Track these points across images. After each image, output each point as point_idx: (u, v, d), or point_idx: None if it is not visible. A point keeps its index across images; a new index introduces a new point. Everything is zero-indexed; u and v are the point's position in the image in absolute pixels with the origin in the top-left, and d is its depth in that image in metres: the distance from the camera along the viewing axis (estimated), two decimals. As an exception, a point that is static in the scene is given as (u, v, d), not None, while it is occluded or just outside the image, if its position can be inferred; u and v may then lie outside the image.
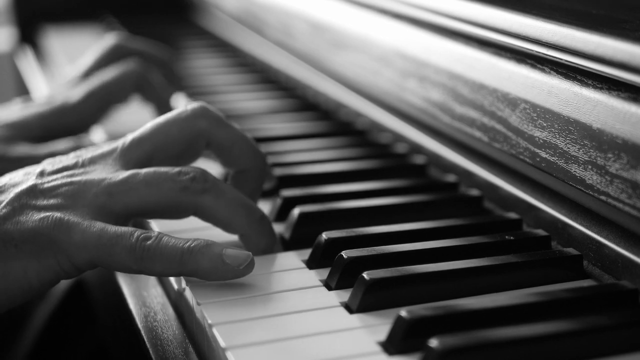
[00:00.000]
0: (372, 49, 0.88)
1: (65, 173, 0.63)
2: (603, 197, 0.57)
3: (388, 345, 0.51)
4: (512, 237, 0.63)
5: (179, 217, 0.64)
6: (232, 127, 0.67)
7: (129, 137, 0.66)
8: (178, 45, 1.38)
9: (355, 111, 0.95)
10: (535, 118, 0.63)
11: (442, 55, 0.76)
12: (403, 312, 0.51)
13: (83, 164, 0.64)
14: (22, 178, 0.64)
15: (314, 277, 0.61)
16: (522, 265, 0.59)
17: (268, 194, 0.74)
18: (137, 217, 0.63)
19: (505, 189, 0.70)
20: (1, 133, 0.89)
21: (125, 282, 0.69)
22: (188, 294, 0.60)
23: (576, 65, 0.60)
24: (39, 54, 1.45)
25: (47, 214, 0.60)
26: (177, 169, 0.63)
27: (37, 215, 0.60)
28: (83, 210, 0.61)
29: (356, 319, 0.55)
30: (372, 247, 0.62)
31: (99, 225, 0.59)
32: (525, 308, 0.53)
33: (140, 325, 0.63)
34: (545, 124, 0.62)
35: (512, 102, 0.66)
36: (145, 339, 0.61)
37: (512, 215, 0.68)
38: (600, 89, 0.58)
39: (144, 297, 0.67)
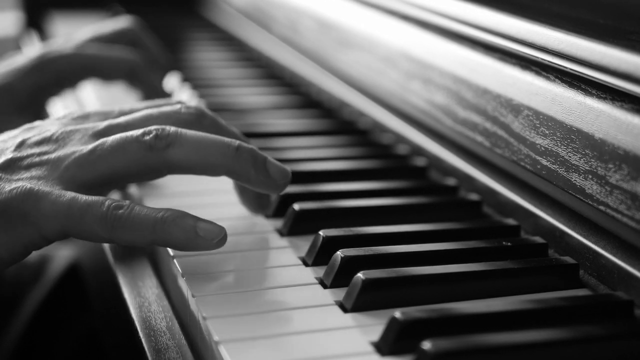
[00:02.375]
0: (377, 49, 0.88)
1: (42, 148, 0.63)
2: (602, 207, 0.57)
3: (381, 346, 0.51)
4: (509, 243, 0.63)
5: (154, 177, 0.63)
6: (228, 130, 0.66)
7: (117, 119, 0.65)
8: (184, 37, 1.38)
9: (358, 110, 0.95)
10: (538, 125, 0.63)
11: (448, 59, 0.76)
12: (397, 314, 0.51)
13: (60, 136, 0.64)
14: (3, 148, 0.63)
15: (310, 274, 0.61)
16: (518, 272, 0.59)
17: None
18: (111, 185, 0.63)
19: (504, 195, 0.70)
20: None
21: (121, 271, 0.69)
22: (183, 285, 0.60)
23: (581, 74, 0.60)
24: (45, 40, 1.45)
25: (18, 185, 0.59)
26: (141, 130, 0.62)
27: (8, 188, 0.59)
28: (54, 182, 0.60)
29: (350, 318, 0.55)
30: (369, 247, 0.62)
31: (69, 194, 0.59)
32: (519, 315, 0.53)
33: (134, 314, 0.63)
34: (547, 132, 0.62)
35: (516, 108, 0.66)
36: (139, 329, 0.61)
37: (511, 221, 0.68)
38: (604, 99, 0.58)
39: (139, 287, 0.67)
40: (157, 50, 1.04)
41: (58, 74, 0.93)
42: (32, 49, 0.99)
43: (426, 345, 0.48)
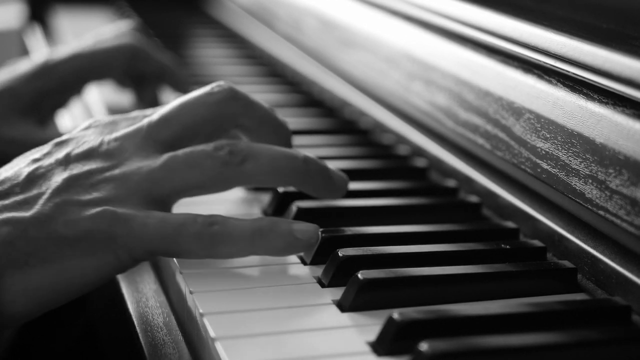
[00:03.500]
0: (380, 49, 0.88)
1: (95, 163, 0.61)
2: (601, 212, 0.57)
3: (377, 346, 0.51)
4: (508, 246, 0.63)
5: (223, 190, 0.63)
6: (260, 108, 0.66)
7: (154, 116, 0.64)
8: (187, 33, 1.38)
9: (359, 110, 0.95)
10: (539, 129, 0.63)
11: (450, 60, 0.76)
12: (394, 314, 0.51)
13: (110, 149, 0.62)
14: (46, 164, 0.62)
15: (308, 273, 0.61)
16: (516, 275, 0.59)
17: (267, 188, 0.74)
18: (182, 197, 0.62)
19: (504, 198, 0.70)
20: None
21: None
22: (181, 281, 0.60)
23: (583, 79, 0.60)
24: (48, 33, 1.45)
25: (98, 209, 0.58)
26: (212, 145, 0.62)
27: (87, 212, 0.58)
28: (131, 200, 0.59)
29: (347, 317, 0.55)
30: (367, 246, 0.62)
31: (156, 215, 0.59)
32: (516, 318, 0.53)
33: (131, 310, 0.63)
34: (548, 135, 0.62)
35: (517, 111, 0.66)
36: (136, 324, 0.61)
37: (510, 224, 0.68)
38: (606, 103, 0.58)
39: (137, 282, 0.67)
40: (166, 62, 1.01)
41: (61, 79, 0.92)
42: (36, 55, 0.98)
43: (423, 346, 0.48)
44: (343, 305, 0.56)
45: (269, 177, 0.63)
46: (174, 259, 0.62)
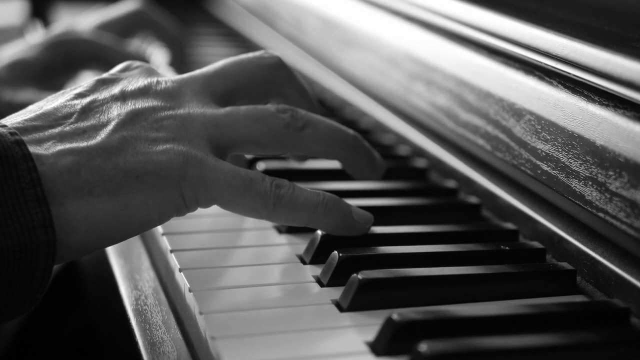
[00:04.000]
0: (381, 49, 0.88)
1: (156, 101, 0.61)
2: (601, 214, 0.57)
3: (376, 346, 0.51)
4: (507, 248, 0.63)
5: (278, 152, 0.64)
6: (301, 81, 0.69)
7: (209, 69, 0.65)
8: (189, 31, 1.38)
9: (360, 110, 0.95)
10: (540, 130, 0.63)
11: (451, 61, 0.76)
12: (393, 314, 0.51)
13: (166, 88, 0.62)
14: (102, 100, 0.61)
15: (307, 272, 0.61)
16: (515, 277, 0.59)
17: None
18: (237, 151, 0.63)
19: (504, 199, 0.70)
20: (2, 75, 0.91)
21: (117, 264, 0.69)
22: (180, 280, 0.60)
23: (584, 81, 0.60)
24: (49, 30, 1.45)
25: (169, 145, 0.58)
26: (274, 107, 0.63)
27: (158, 147, 0.58)
28: (197, 142, 0.60)
29: (346, 317, 0.55)
30: (366, 247, 0.62)
31: (227, 164, 0.59)
32: (515, 319, 0.53)
33: (129, 308, 0.63)
34: (548, 137, 0.62)
35: (518, 113, 0.66)
36: (134, 322, 0.61)
37: (509, 225, 0.68)
38: (607, 106, 0.58)
39: (135, 280, 0.67)
40: (169, 27, 1.07)
41: (68, 55, 0.96)
42: (55, 27, 1.02)
43: (422, 347, 0.48)
44: (342, 305, 0.56)
45: (323, 146, 0.64)
46: (174, 256, 0.62)
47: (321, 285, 0.59)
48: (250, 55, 0.67)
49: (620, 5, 0.68)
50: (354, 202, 0.70)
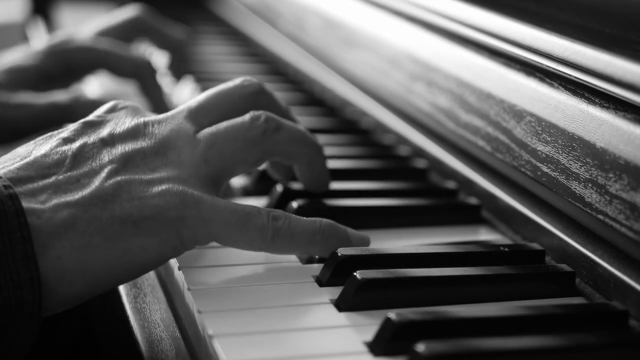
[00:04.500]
0: (383, 50, 0.88)
1: (145, 142, 0.61)
2: (601, 216, 0.57)
3: (374, 346, 0.51)
4: (506, 249, 0.63)
5: (262, 162, 0.65)
6: (281, 106, 0.69)
7: (193, 104, 0.65)
8: (190, 29, 1.38)
9: (361, 110, 0.95)
10: (540, 132, 0.63)
11: (452, 62, 0.76)
12: (392, 314, 0.51)
13: (154, 131, 0.62)
14: (92, 145, 0.60)
15: (306, 272, 0.61)
16: (514, 278, 0.59)
17: (266, 188, 0.74)
18: (229, 177, 0.63)
19: (503, 200, 0.70)
20: (1, 80, 0.91)
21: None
22: (179, 278, 0.60)
23: (585, 83, 0.60)
24: (50, 27, 1.45)
25: (165, 187, 0.58)
26: (247, 116, 0.64)
27: (154, 190, 0.58)
28: (193, 181, 0.60)
29: (345, 317, 0.55)
30: (366, 246, 0.62)
31: (223, 201, 0.59)
32: (514, 320, 0.53)
33: (128, 305, 0.63)
34: (549, 139, 0.62)
35: (518, 114, 0.66)
36: (133, 320, 0.61)
37: (509, 226, 0.68)
38: (607, 108, 0.58)
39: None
40: (168, 33, 1.07)
41: (68, 64, 0.96)
42: (56, 35, 1.01)
43: (420, 347, 0.48)
44: (341, 305, 0.56)
45: (296, 148, 0.65)
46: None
47: (320, 284, 0.59)
48: (230, 85, 0.67)
49: (622, 8, 0.68)
50: (353, 202, 0.70)
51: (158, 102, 0.98)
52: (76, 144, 0.60)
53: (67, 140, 0.60)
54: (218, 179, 0.62)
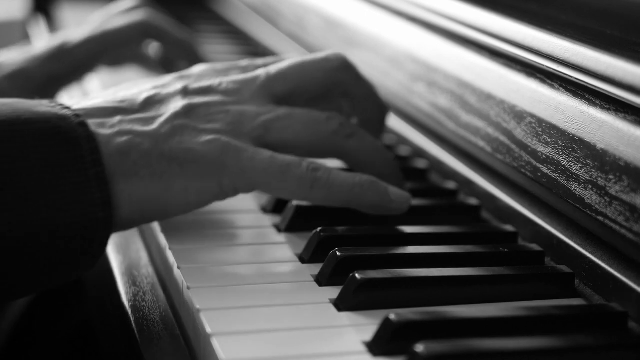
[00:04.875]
0: (383, 50, 0.88)
1: (214, 97, 0.65)
2: (600, 218, 0.57)
3: (373, 346, 0.51)
4: (506, 250, 0.63)
5: (321, 157, 0.67)
6: (367, 83, 0.72)
7: (272, 70, 0.68)
8: (191, 28, 1.38)
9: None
10: (540, 133, 0.63)
11: (453, 62, 0.76)
12: (391, 315, 0.51)
13: (228, 88, 0.66)
14: (165, 92, 0.66)
15: (306, 271, 0.61)
16: (513, 279, 0.59)
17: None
18: (284, 152, 0.65)
19: (503, 201, 0.70)
20: (2, 86, 0.90)
21: (116, 260, 0.69)
22: (178, 276, 0.60)
23: (585, 84, 0.60)
24: (51, 25, 1.45)
25: (213, 136, 0.62)
26: (325, 114, 0.66)
27: (203, 138, 0.62)
28: (243, 138, 0.63)
29: (344, 317, 0.55)
30: (365, 247, 0.62)
31: (265, 152, 0.63)
32: (513, 321, 0.53)
33: (127, 304, 0.63)
34: (549, 140, 0.62)
35: (519, 115, 0.66)
36: (132, 319, 0.61)
37: (509, 227, 0.68)
38: (608, 109, 0.58)
39: (134, 276, 0.67)
40: (177, 33, 1.03)
41: (73, 63, 0.95)
42: (54, 38, 1.00)
43: (419, 347, 0.48)
44: (340, 305, 0.56)
45: (364, 159, 0.67)
46: (172, 253, 0.62)
47: (320, 284, 0.59)
48: (315, 56, 0.70)
49: (623, 9, 0.68)
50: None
51: (184, 49, 0.99)
52: (153, 92, 0.66)
53: (155, 87, 0.66)
54: (273, 148, 0.64)
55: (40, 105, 0.60)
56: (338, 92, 0.71)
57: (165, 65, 1.08)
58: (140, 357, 0.57)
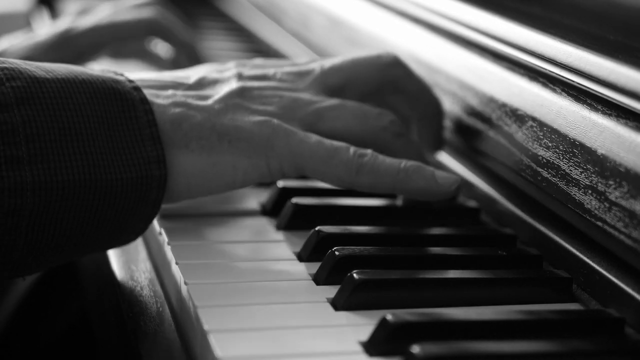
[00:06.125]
0: (386, 50, 0.88)
1: (269, 83, 0.67)
2: (599, 223, 0.57)
3: (369, 346, 0.51)
4: (504, 253, 0.63)
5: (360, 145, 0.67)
6: (419, 80, 0.73)
7: (326, 64, 0.70)
8: (194, 24, 1.38)
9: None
10: (541, 137, 0.63)
11: (456, 64, 0.76)
12: (388, 315, 0.51)
13: (282, 77, 0.68)
14: (219, 75, 0.67)
15: (304, 270, 0.61)
16: (511, 282, 0.59)
17: (266, 184, 0.74)
18: (328, 136, 0.66)
19: (503, 204, 0.70)
20: None
21: (114, 254, 0.69)
22: (176, 272, 0.60)
23: (587, 89, 0.60)
24: (55, 17, 1.44)
25: (265, 118, 0.63)
26: (377, 109, 0.68)
27: (255, 118, 0.63)
28: (294, 123, 0.64)
29: (341, 316, 0.55)
30: (364, 246, 0.62)
31: (314, 136, 0.64)
32: (509, 325, 0.53)
33: (125, 298, 0.63)
34: (550, 144, 0.62)
35: (520, 119, 0.66)
36: (129, 314, 0.61)
37: (507, 230, 0.68)
38: (609, 115, 0.58)
39: (132, 271, 0.67)
40: (182, 33, 1.04)
41: (78, 51, 0.95)
42: (58, 24, 1.00)
43: (415, 348, 0.48)
44: (337, 304, 0.56)
45: (412, 157, 0.67)
46: (170, 248, 0.62)
47: (317, 283, 0.59)
48: (368, 54, 0.72)
49: (626, 15, 0.68)
50: (352, 201, 0.70)
51: (188, 50, 1.00)
52: (207, 73, 0.67)
53: (210, 71, 0.68)
54: (320, 134, 0.65)
55: (94, 70, 0.62)
56: (391, 89, 0.72)
57: (176, 65, 1.08)
58: (136, 352, 0.57)
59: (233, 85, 0.66)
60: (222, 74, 0.67)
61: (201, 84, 0.66)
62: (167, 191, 0.61)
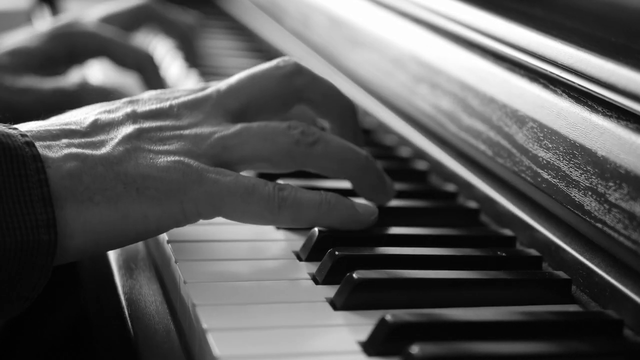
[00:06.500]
0: (388, 50, 0.88)
1: (165, 122, 0.62)
2: (599, 225, 0.56)
3: (368, 346, 0.51)
4: (504, 254, 0.63)
5: (287, 169, 0.64)
6: (324, 83, 0.68)
7: (222, 86, 0.66)
8: (201, 20, 1.38)
9: (363, 110, 0.95)
10: (542, 138, 0.63)
11: (457, 65, 0.76)
12: (387, 315, 0.51)
13: (179, 112, 0.63)
14: (112, 116, 0.62)
15: (303, 269, 0.61)
16: (510, 283, 0.59)
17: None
18: (247, 167, 0.64)
19: (502, 205, 0.70)
20: (3, 61, 0.91)
21: (113, 252, 0.69)
22: (176, 270, 0.60)
23: (588, 91, 0.60)
24: (56, 15, 1.45)
25: (171, 159, 0.59)
26: (285, 123, 0.63)
27: (160, 160, 0.59)
28: (201, 159, 0.60)
29: (340, 316, 0.55)
30: (363, 246, 0.62)
31: (229, 173, 0.60)
32: (508, 326, 0.53)
33: (123, 297, 0.63)
34: (550, 145, 0.62)
35: (521, 120, 0.66)
36: (128, 312, 0.61)
37: (507, 232, 0.68)
38: (610, 117, 0.58)
39: (131, 269, 0.67)
40: (178, 21, 1.06)
41: (72, 47, 0.96)
42: (61, 18, 1.01)
43: (414, 349, 0.48)
44: (336, 304, 0.56)
45: (333, 164, 0.64)
46: (170, 247, 0.62)
47: (316, 282, 0.59)
48: (265, 66, 0.67)
49: (628, 17, 0.68)
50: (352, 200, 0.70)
51: (186, 41, 1.00)
52: (99, 115, 0.62)
53: (102, 112, 0.63)
54: (234, 165, 0.62)
55: None
56: (295, 99, 0.68)
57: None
58: (135, 350, 0.57)
59: (129, 128, 0.61)
60: (114, 115, 0.62)
61: (96, 127, 0.61)
62: (70, 251, 0.56)
